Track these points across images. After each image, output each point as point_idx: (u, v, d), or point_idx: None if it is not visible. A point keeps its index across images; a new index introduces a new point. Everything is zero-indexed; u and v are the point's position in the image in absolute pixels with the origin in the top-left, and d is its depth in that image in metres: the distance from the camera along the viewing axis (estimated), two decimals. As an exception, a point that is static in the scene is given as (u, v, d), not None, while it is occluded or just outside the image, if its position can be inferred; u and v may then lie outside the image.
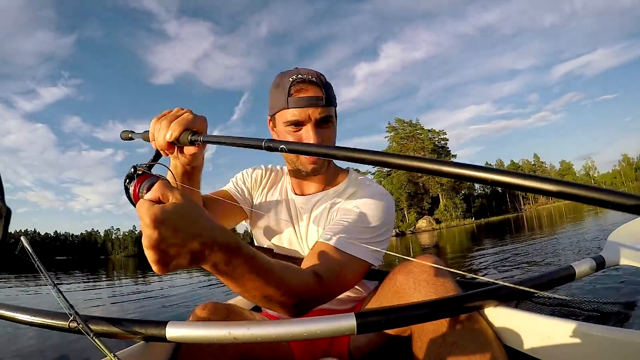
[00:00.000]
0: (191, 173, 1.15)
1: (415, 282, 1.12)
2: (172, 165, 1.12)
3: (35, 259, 0.96)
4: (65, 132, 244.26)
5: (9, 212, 0.69)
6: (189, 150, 1.03)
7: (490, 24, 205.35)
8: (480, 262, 9.23)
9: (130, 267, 31.61)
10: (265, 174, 1.61)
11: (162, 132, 1.00)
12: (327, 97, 1.32)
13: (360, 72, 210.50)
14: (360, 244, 1.21)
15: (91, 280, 17.49)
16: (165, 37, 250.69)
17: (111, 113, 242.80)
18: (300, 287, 0.99)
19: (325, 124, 1.34)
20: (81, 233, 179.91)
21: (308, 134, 1.30)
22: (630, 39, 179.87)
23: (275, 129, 1.41)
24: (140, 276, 18.09)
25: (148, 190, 0.95)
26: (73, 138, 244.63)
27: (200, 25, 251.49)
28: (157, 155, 1.09)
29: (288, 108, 1.30)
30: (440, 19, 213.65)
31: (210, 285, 11.22)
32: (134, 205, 1.08)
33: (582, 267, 1.18)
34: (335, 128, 1.41)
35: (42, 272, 0.94)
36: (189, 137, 0.97)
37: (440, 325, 1.05)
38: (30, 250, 0.96)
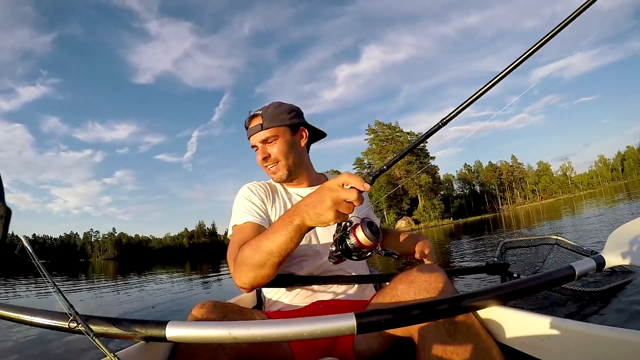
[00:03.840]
0: None
1: (415, 292, 1.17)
2: None
3: (36, 259, 0.95)
4: (44, 133, 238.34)
5: (8, 212, 0.68)
6: None
7: (472, 27, 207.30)
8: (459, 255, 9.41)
9: (110, 270, 31.20)
10: (266, 187, 1.77)
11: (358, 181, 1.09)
12: (264, 123, 1.66)
13: (341, 73, 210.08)
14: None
15: (74, 283, 17.24)
16: (147, 36, 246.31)
17: (91, 113, 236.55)
18: None
19: (272, 141, 1.67)
20: (60, 236, 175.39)
21: (258, 154, 1.70)
22: (608, 44, 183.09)
23: None
24: (121, 279, 17.89)
25: (369, 228, 1.14)
26: (51, 138, 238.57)
27: (181, 25, 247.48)
28: None
29: (248, 137, 1.72)
30: (422, 21, 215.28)
31: (192, 285, 11.17)
32: (364, 254, 1.19)
33: (582, 267, 1.19)
34: (287, 139, 1.70)
35: (42, 273, 0.94)
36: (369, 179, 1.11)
37: (441, 326, 1.08)
38: (30, 250, 0.95)
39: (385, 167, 1.24)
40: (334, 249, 1.20)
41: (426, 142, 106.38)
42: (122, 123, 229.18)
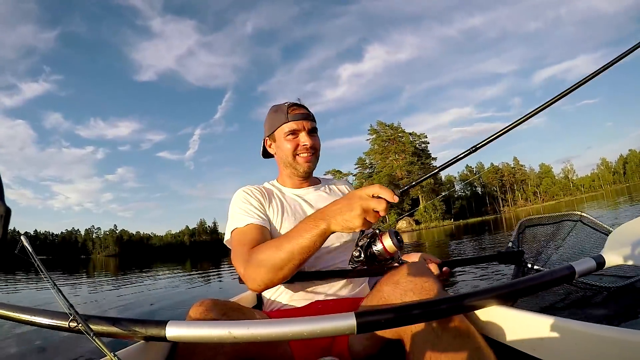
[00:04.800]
0: None
1: (402, 293, 1.16)
2: None
3: (35, 258, 0.95)
4: (46, 129, 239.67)
5: (8, 212, 0.68)
6: None
7: (475, 28, 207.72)
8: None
9: (111, 267, 31.31)
10: (262, 189, 1.76)
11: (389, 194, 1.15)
12: (313, 115, 1.76)
13: (344, 72, 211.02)
14: None
15: (74, 279, 17.30)
16: (150, 34, 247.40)
17: (93, 110, 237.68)
18: None
19: (314, 133, 1.75)
20: (61, 232, 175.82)
21: (305, 138, 1.69)
22: (611, 47, 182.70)
23: (274, 143, 1.78)
24: (121, 276, 17.94)
25: (395, 237, 1.23)
26: (53, 135, 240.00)
27: (184, 23, 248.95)
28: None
29: (288, 122, 1.68)
30: (426, 22, 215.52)
31: (192, 284, 11.19)
32: (387, 261, 1.30)
33: (582, 266, 1.19)
34: (319, 139, 1.79)
35: (42, 272, 0.93)
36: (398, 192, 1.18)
37: (428, 327, 1.08)
38: (30, 250, 0.95)
39: (414, 183, 1.34)
40: (357, 254, 1.26)
41: (428, 143, 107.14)
42: (124, 120, 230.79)
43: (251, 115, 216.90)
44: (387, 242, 1.20)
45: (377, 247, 1.21)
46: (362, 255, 1.24)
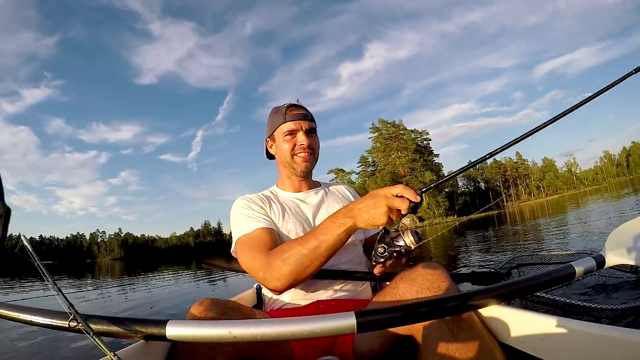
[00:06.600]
0: None
1: (418, 291, 1.18)
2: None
3: (36, 259, 0.96)
4: (48, 134, 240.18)
5: (8, 212, 0.69)
6: None
7: (474, 24, 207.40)
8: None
9: (116, 270, 31.37)
10: (260, 196, 1.75)
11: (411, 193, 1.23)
12: (311, 115, 1.77)
13: (345, 71, 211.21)
14: None
15: (80, 283, 17.34)
16: (149, 37, 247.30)
17: (95, 114, 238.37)
18: None
19: (313, 133, 1.75)
20: (66, 237, 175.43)
21: (302, 138, 1.69)
22: (612, 39, 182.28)
23: (274, 144, 1.78)
24: (127, 279, 17.98)
25: (416, 234, 1.29)
26: (56, 140, 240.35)
27: (184, 25, 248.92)
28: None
29: (286, 122, 1.69)
30: (425, 18, 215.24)
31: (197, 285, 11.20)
32: (407, 255, 1.33)
33: (582, 266, 1.18)
34: (319, 139, 1.80)
35: (42, 272, 0.94)
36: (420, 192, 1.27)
37: (444, 326, 1.08)
38: (30, 250, 0.96)
39: (434, 184, 1.40)
40: (382, 250, 1.30)
41: (430, 140, 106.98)
42: (127, 124, 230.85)
43: (253, 116, 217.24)
44: (409, 239, 1.26)
45: (400, 243, 1.27)
46: (386, 251, 1.29)
